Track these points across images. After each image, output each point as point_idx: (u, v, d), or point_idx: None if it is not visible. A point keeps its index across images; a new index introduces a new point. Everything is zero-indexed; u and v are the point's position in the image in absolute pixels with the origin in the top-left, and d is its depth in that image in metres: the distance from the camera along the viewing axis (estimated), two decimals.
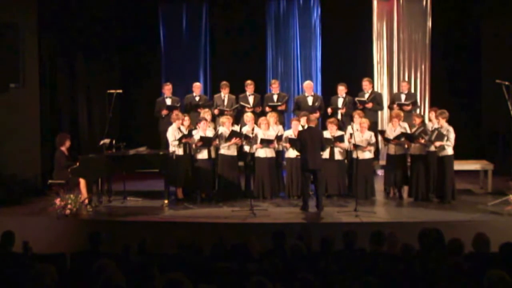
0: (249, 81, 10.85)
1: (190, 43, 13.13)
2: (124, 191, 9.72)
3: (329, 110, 10.61)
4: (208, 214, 8.70)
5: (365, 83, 10.84)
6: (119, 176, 9.78)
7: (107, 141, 9.52)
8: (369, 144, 9.42)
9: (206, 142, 9.42)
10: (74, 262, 5.96)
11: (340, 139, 9.47)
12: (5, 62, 10.26)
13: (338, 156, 9.59)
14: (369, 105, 10.60)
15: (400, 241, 5.79)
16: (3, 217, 8.57)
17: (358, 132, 9.49)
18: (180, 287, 3.96)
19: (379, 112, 11.47)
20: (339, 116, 10.50)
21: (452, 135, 9.00)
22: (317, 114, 10.30)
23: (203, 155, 9.50)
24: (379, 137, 10.22)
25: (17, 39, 10.26)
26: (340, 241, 5.95)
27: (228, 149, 9.55)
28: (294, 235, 6.39)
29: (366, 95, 10.73)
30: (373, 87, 11.26)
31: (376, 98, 10.84)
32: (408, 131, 9.50)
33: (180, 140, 9.44)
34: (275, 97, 10.78)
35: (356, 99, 10.66)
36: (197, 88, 11.10)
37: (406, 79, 12.36)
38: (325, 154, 9.44)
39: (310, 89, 10.88)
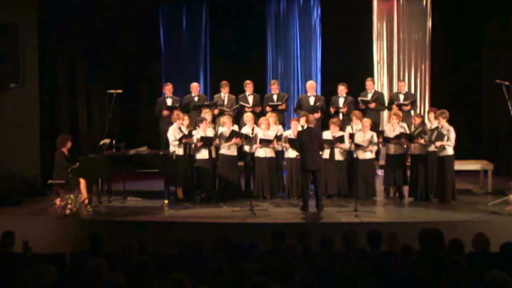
0: (248, 81, 10.86)
1: (190, 43, 13.13)
2: (124, 191, 9.72)
3: (332, 109, 10.62)
4: (208, 214, 8.70)
5: (369, 83, 10.87)
6: (119, 176, 9.78)
7: (107, 141, 9.53)
8: (371, 144, 9.40)
9: (206, 142, 9.43)
10: (74, 262, 5.96)
11: (341, 139, 9.47)
12: (5, 62, 10.27)
13: (338, 157, 9.58)
14: (372, 105, 10.62)
15: (400, 241, 5.79)
16: (3, 217, 8.56)
17: (360, 132, 9.48)
18: (180, 287, 3.96)
19: (381, 112, 11.47)
20: (341, 116, 10.50)
21: (452, 135, 8.99)
22: (318, 115, 10.29)
23: (203, 155, 9.49)
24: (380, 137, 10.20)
25: (17, 39, 10.27)
26: (340, 241, 5.95)
27: (228, 149, 9.55)
28: (294, 235, 6.39)
29: (369, 95, 10.75)
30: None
31: (379, 98, 10.85)
32: (407, 131, 9.50)
33: (180, 140, 9.44)
34: (274, 97, 10.78)
35: (359, 98, 10.68)
36: (195, 88, 11.10)
37: (406, 79, 12.38)
38: (325, 154, 9.45)
39: (312, 89, 10.88)
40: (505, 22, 11.67)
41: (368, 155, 9.47)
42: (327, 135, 9.47)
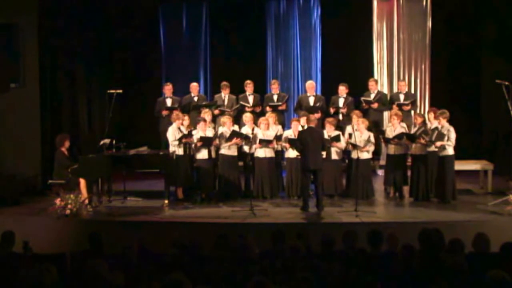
0: (248, 81, 10.87)
1: (190, 43, 13.13)
2: (124, 191, 9.71)
3: (332, 109, 10.62)
4: (208, 214, 8.70)
5: (371, 83, 10.91)
6: (119, 176, 9.78)
7: (107, 141, 9.53)
8: (367, 143, 9.38)
9: (206, 142, 9.43)
10: (74, 262, 5.96)
11: (337, 139, 9.46)
12: (5, 62, 10.28)
13: (334, 156, 9.58)
14: (375, 105, 10.64)
15: (400, 241, 5.79)
16: (3, 217, 8.57)
17: (358, 132, 9.48)
18: (180, 287, 3.96)
19: (383, 112, 11.46)
20: (340, 116, 10.51)
21: (452, 135, 8.99)
22: (318, 115, 10.29)
23: (203, 155, 9.49)
24: (380, 137, 10.20)
25: (17, 39, 10.28)
26: (340, 241, 5.95)
27: (228, 149, 9.55)
28: (294, 235, 6.39)
29: (372, 95, 10.77)
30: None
31: (381, 99, 10.87)
32: (407, 131, 9.50)
33: (180, 140, 9.44)
34: (275, 97, 10.79)
35: (362, 98, 10.70)
36: (194, 88, 11.12)
37: (406, 79, 12.38)
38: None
39: (312, 89, 10.90)
40: (505, 22, 11.66)
41: (365, 155, 9.45)
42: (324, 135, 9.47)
